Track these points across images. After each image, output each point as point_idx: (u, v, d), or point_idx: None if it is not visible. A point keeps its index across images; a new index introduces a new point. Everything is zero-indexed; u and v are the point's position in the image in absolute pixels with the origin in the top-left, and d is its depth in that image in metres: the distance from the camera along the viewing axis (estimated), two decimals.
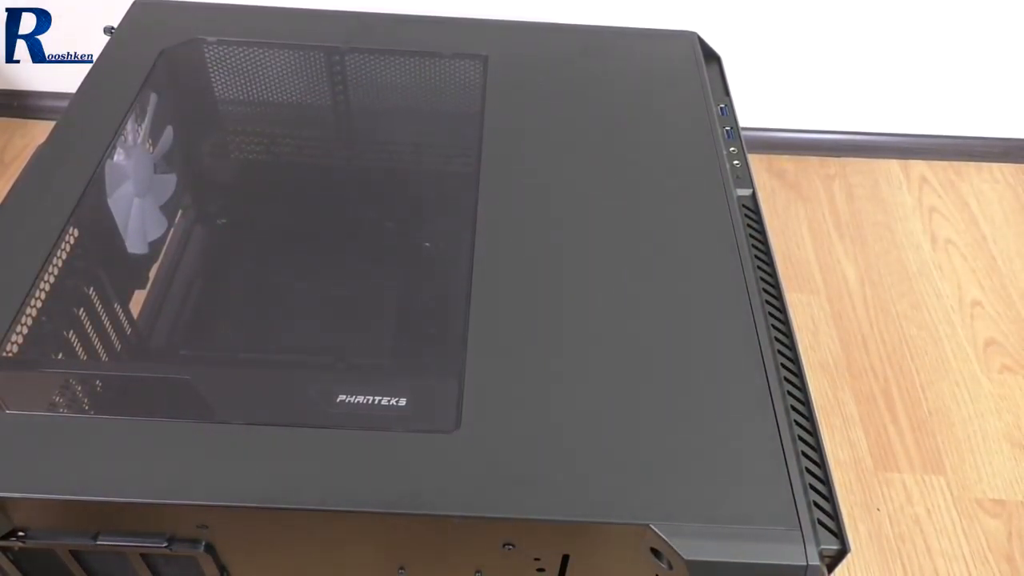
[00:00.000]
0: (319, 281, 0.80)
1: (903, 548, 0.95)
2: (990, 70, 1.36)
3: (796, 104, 1.41)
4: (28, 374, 0.61)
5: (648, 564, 0.51)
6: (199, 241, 0.84)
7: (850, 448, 1.04)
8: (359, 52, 0.87)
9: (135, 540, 0.53)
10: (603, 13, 1.25)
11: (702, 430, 0.55)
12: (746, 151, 0.79)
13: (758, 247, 0.69)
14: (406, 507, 0.50)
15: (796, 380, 0.59)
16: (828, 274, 1.25)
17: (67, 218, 0.66)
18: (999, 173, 1.45)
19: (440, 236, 0.82)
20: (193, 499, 0.50)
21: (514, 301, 0.63)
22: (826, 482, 0.53)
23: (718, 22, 1.28)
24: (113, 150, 0.73)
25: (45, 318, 0.63)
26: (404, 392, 0.59)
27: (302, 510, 0.50)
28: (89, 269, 0.70)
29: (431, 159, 0.90)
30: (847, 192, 1.40)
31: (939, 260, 1.29)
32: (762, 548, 0.50)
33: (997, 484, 1.01)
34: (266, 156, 0.91)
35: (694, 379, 0.58)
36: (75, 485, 0.50)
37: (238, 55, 0.87)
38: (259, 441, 0.53)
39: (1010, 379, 1.13)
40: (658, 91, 0.84)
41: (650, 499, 0.51)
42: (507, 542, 0.52)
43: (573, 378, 0.58)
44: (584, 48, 0.89)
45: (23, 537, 0.53)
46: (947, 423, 1.07)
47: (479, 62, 0.86)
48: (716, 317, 0.63)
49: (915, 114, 1.42)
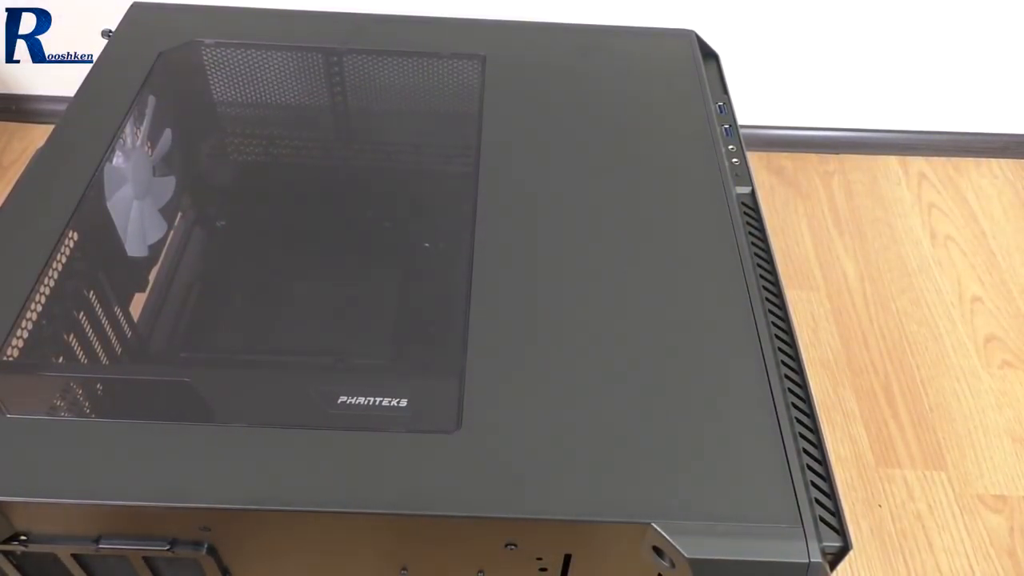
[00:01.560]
0: (319, 282, 0.80)
1: (905, 544, 0.95)
2: (988, 66, 1.36)
3: (794, 101, 1.41)
4: (29, 377, 0.61)
5: (650, 563, 0.52)
6: (199, 243, 0.84)
7: (851, 444, 1.04)
8: (357, 53, 0.87)
9: (137, 543, 0.53)
10: (601, 12, 1.25)
11: (703, 428, 0.55)
12: (745, 149, 0.79)
13: (757, 245, 0.69)
14: (408, 508, 0.50)
15: (796, 377, 0.59)
16: (828, 271, 1.25)
17: (67, 221, 0.66)
18: (998, 169, 1.45)
19: (440, 236, 0.82)
20: (195, 501, 0.50)
21: (514, 301, 0.63)
22: (827, 479, 0.54)
23: (716, 20, 1.28)
24: (112, 153, 0.73)
25: (45, 321, 0.63)
26: (405, 393, 0.59)
27: (304, 511, 0.50)
28: (89, 272, 0.70)
29: (430, 159, 0.90)
30: (846, 189, 1.40)
31: (939, 256, 1.29)
32: (764, 545, 0.50)
33: (998, 479, 1.01)
34: (265, 158, 0.91)
35: (694, 377, 0.58)
36: (77, 489, 0.50)
37: (236, 57, 0.87)
38: (260, 443, 0.53)
39: (1010, 374, 1.13)
40: (656, 90, 0.84)
41: (652, 498, 0.51)
42: (509, 542, 0.53)
43: (573, 377, 0.58)
44: (582, 47, 0.89)
45: (25, 541, 0.53)
46: (948, 419, 1.07)
47: (477, 62, 0.86)
48: (716, 315, 0.63)
49: (914, 110, 1.42)
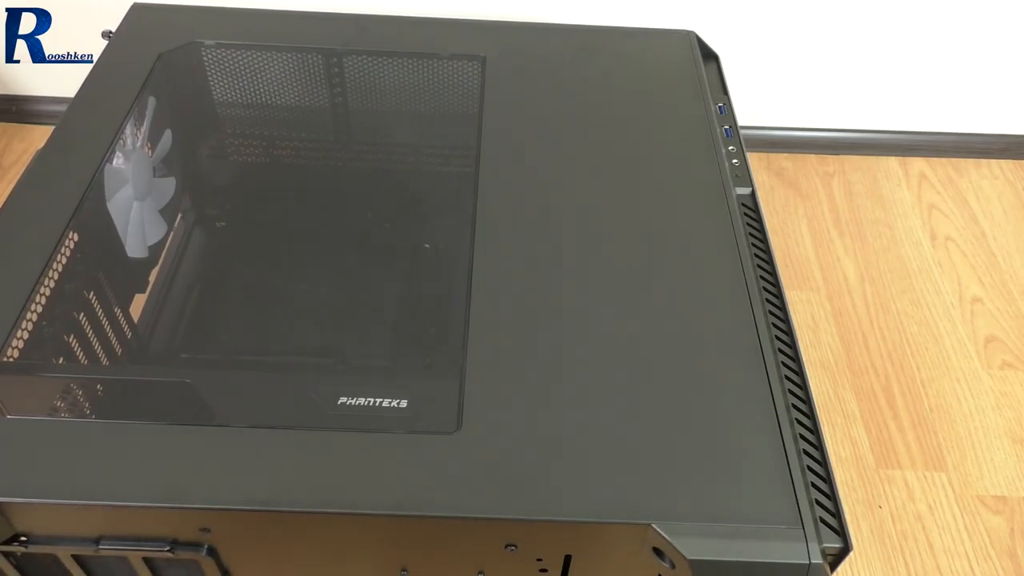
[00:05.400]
0: (319, 283, 0.80)
1: (905, 545, 0.95)
2: (988, 66, 1.35)
3: (794, 102, 1.41)
4: (29, 379, 0.61)
5: (651, 563, 0.51)
6: (199, 244, 0.84)
7: (851, 445, 1.04)
8: (357, 54, 0.87)
9: (138, 544, 0.53)
10: (601, 13, 1.25)
11: (703, 429, 0.55)
12: (745, 149, 0.79)
13: (757, 245, 0.69)
14: (408, 509, 0.50)
15: (797, 378, 0.59)
16: (828, 272, 1.25)
17: (67, 222, 0.66)
18: (998, 169, 1.45)
19: (440, 237, 0.82)
20: (195, 503, 0.50)
21: (514, 301, 0.63)
22: (828, 480, 0.54)
23: (716, 21, 1.28)
24: (112, 154, 0.73)
25: (46, 322, 0.63)
26: (405, 393, 0.59)
27: (304, 513, 0.50)
28: (89, 273, 0.70)
29: (430, 160, 0.90)
30: (846, 189, 1.40)
31: (939, 257, 1.29)
32: (765, 546, 0.50)
33: (999, 480, 1.01)
34: (265, 158, 0.91)
35: (694, 378, 0.58)
36: (77, 490, 0.50)
37: (236, 58, 0.87)
38: (260, 444, 0.53)
39: (1011, 375, 1.13)
40: (656, 90, 0.85)
41: (652, 498, 0.51)
42: (509, 543, 0.53)
43: (573, 378, 0.58)
44: (582, 48, 0.89)
45: (25, 542, 0.53)
46: (948, 420, 1.07)
47: (477, 63, 0.86)
48: (716, 315, 0.63)
49: (913, 111, 1.42)
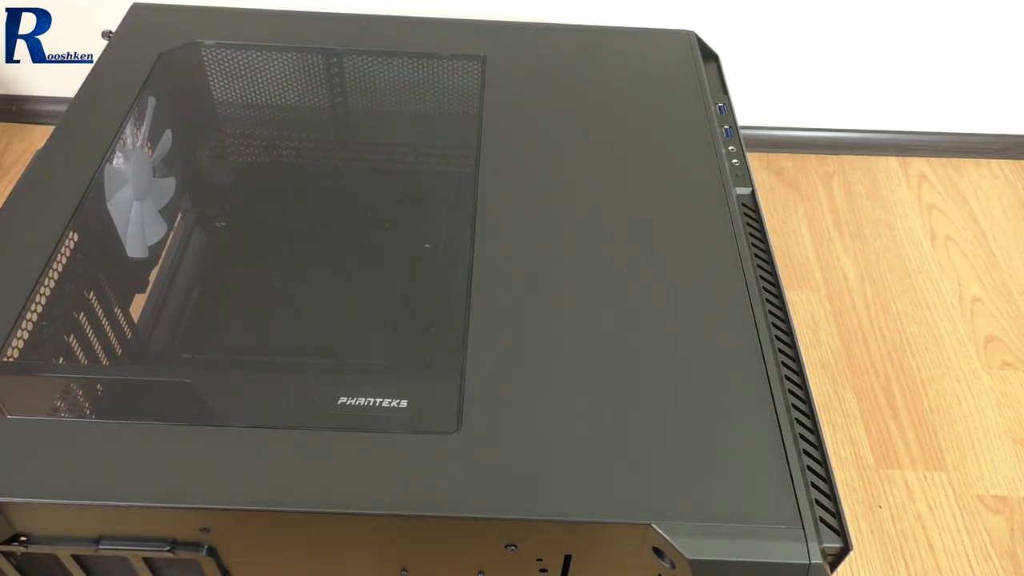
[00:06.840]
0: (319, 283, 0.80)
1: (905, 545, 0.95)
2: (988, 66, 1.35)
3: (794, 102, 1.41)
4: (29, 379, 0.61)
5: (651, 563, 0.51)
6: (199, 244, 0.84)
7: (851, 445, 1.04)
8: (357, 54, 0.87)
9: (138, 544, 0.53)
10: (601, 13, 1.25)
11: (703, 429, 0.55)
12: (745, 149, 0.79)
13: (757, 245, 0.69)
14: (408, 509, 0.50)
15: (797, 378, 0.59)
16: (828, 272, 1.25)
17: (67, 222, 0.66)
18: (998, 169, 1.45)
19: (440, 237, 0.82)
20: (195, 503, 0.50)
21: (514, 301, 0.63)
22: (828, 480, 0.53)
23: (716, 21, 1.28)
24: (112, 154, 0.73)
25: (45, 322, 0.63)
26: (405, 393, 0.59)
27: (304, 512, 0.50)
28: (89, 273, 0.70)
29: (430, 160, 0.90)
30: (846, 189, 1.40)
31: (939, 257, 1.29)
32: (765, 546, 0.50)
33: (999, 480, 1.01)
34: (265, 158, 0.91)
35: (694, 378, 0.58)
36: (77, 490, 0.50)
37: (236, 58, 0.87)
38: (260, 444, 0.53)
39: (1011, 375, 1.13)
40: (656, 90, 0.85)
41: (652, 498, 0.51)
42: (509, 543, 0.53)
43: (573, 378, 0.58)
44: (582, 48, 0.89)
45: (25, 542, 0.53)
46: (948, 420, 1.07)
47: (477, 63, 0.86)
48: (716, 316, 0.63)
49: (913, 111, 1.42)
